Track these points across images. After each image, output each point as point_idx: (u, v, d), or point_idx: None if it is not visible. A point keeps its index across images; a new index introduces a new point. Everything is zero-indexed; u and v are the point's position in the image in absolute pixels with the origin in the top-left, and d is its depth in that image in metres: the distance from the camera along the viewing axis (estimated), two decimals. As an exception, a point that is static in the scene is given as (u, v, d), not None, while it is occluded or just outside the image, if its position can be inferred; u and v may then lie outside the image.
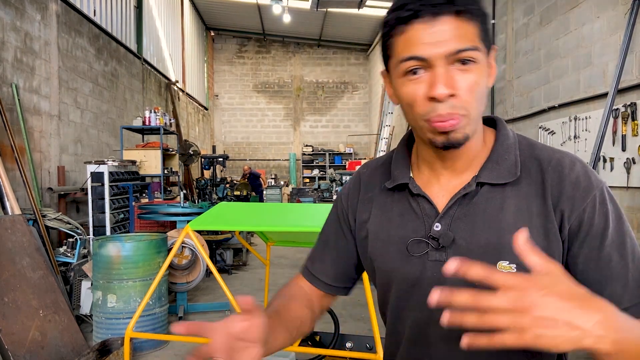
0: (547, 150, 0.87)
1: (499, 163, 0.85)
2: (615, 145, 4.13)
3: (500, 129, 0.90)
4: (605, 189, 0.82)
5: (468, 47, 0.75)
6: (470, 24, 0.76)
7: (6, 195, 4.43)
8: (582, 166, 0.84)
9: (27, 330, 3.55)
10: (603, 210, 0.80)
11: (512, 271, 0.80)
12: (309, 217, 2.79)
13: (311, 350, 2.65)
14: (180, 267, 4.88)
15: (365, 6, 11.42)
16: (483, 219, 0.83)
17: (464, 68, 0.76)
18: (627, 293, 0.77)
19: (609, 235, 0.79)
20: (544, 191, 0.83)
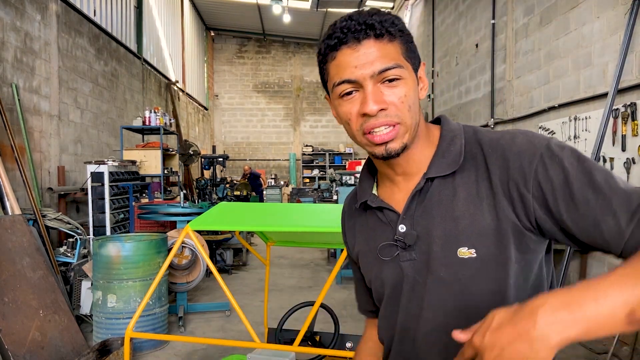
0: (489, 133, 0.90)
1: (444, 156, 0.90)
2: (615, 146, 4.13)
3: (444, 124, 0.95)
4: (551, 144, 0.82)
5: (391, 65, 0.83)
6: (391, 45, 0.85)
7: (6, 195, 4.43)
8: (523, 136, 0.85)
9: (27, 330, 3.55)
10: (555, 161, 0.79)
11: (472, 255, 0.85)
12: (308, 217, 2.79)
13: (311, 350, 2.65)
14: (180, 267, 4.88)
15: (365, 6, 11.41)
16: (439, 211, 0.89)
17: (391, 85, 0.84)
18: (621, 220, 0.74)
19: (573, 180, 0.77)
20: (489, 173, 0.85)
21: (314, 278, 6.92)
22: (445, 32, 9.13)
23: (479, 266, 0.85)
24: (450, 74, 8.84)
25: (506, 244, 0.84)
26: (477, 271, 0.85)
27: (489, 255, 0.84)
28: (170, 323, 4.66)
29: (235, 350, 3.92)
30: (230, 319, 5.01)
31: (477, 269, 0.85)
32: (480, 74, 7.38)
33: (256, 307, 5.38)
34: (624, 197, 0.74)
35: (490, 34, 6.89)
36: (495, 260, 0.84)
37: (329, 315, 2.96)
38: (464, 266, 0.86)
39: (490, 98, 6.90)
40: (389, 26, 0.84)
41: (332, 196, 8.94)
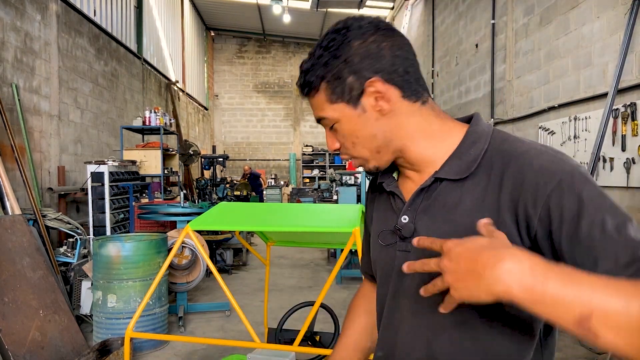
0: (516, 144, 0.87)
1: (460, 158, 0.89)
2: (615, 145, 4.13)
3: (473, 124, 0.93)
4: (575, 172, 0.79)
5: (320, 116, 0.93)
6: (318, 96, 0.91)
7: (6, 195, 4.43)
8: (550, 154, 0.82)
9: (27, 330, 3.55)
10: (574, 192, 0.77)
11: None
12: (309, 217, 2.79)
13: (311, 350, 2.65)
14: (180, 267, 4.88)
15: (365, 6, 11.42)
16: (442, 212, 0.89)
17: (334, 128, 0.93)
18: (619, 266, 0.72)
19: (586, 216, 0.75)
20: (501, 185, 0.83)
21: (314, 278, 6.92)
22: (445, 32, 9.13)
23: None
24: (450, 74, 8.84)
25: None
26: None
27: None
28: (170, 323, 4.67)
29: (235, 350, 3.92)
30: (230, 319, 5.01)
31: None
32: (480, 74, 7.38)
33: (256, 307, 5.38)
34: (631, 245, 0.72)
35: (490, 34, 6.89)
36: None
37: (329, 315, 2.96)
38: None
39: (490, 98, 6.90)
40: (310, 77, 0.90)
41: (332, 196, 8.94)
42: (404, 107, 0.90)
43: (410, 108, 0.91)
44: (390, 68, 0.88)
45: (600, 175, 4.30)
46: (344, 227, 2.33)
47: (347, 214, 2.59)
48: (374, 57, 0.87)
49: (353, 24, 0.90)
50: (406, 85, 0.89)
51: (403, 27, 11.69)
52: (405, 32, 11.65)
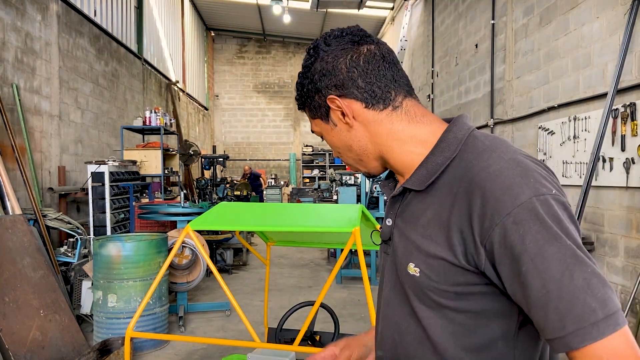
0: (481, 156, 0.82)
1: (426, 167, 0.88)
2: (614, 146, 4.13)
3: (449, 128, 0.90)
4: (530, 206, 0.73)
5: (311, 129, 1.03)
6: (306, 112, 0.99)
7: (7, 195, 4.44)
8: (509, 177, 0.76)
9: (27, 330, 3.55)
10: (519, 232, 0.72)
11: (416, 274, 0.86)
12: (309, 217, 2.80)
13: (311, 350, 2.66)
14: (180, 267, 4.88)
15: (365, 6, 11.42)
16: (409, 222, 0.90)
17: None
18: (548, 325, 0.71)
19: (526, 262, 0.72)
20: (454, 202, 0.81)
21: (314, 278, 6.92)
22: (445, 32, 9.13)
23: (421, 287, 0.85)
24: (450, 74, 8.84)
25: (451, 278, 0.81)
26: (420, 290, 0.86)
27: (430, 280, 0.83)
28: (171, 323, 4.67)
29: (235, 350, 3.93)
30: (230, 319, 5.02)
31: (420, 288, 0.86)
32: (480, 74, 7.39)
33: (256, 306, 5.39)
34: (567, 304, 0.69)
35: (490, 34, 6.89)
36: (436, 287, 0.83)
37: (329, 315, 2.97)
38: (410, 280, 0.88)
39: (489, 98, 6.90)
40: (297, 98, 0.99)
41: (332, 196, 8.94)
42: (369, 117, 0.91)
43: (377, 117, 0.90)
44: (347, 82, 0.89)
45: (599, 175, 4.31)
46: (344, 227, 2.33)
47: (347, 214, 2.59)
48: (331, 74, 0.90)
49: (319, 43, 0.92)
50: (368, 95, 0.89)
51: (403, 27, 11.69)
52: (405, 32, 11.65)
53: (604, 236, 4.39)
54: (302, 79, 0.94)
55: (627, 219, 4.08)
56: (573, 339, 0.69)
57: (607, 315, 0.69)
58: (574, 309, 0.69)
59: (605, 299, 0.69)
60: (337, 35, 0.91)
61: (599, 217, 4.45)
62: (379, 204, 6.67)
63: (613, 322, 0.69)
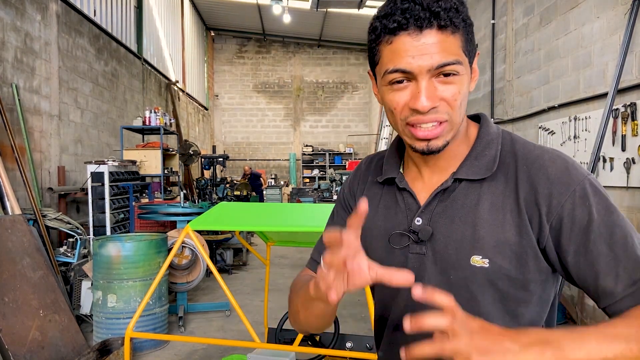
0: (527, 147, 0.87)
1: (477, 159, 0.88)
2: (615, 145, 4.13)
3: (483, 124, 0.92)
4: (588, 183, 0.81)
5: (451, 61, 0.78)
6: (454, 37, 0.79)
7: (6, 195, 4.43)
8: (563, 162, 0.84)
9: (27, 330, 3.55)
10: (585, 204, 0.79)
11: (485, 265, 0.83)
12: (309, 217, 2.80)
13: (311, 350, 2.65)
14: (180, 267, 4.88)
15: (365, 6, 11.41)
16: (460, 214, 0.86)
17: (447, 80, 0.80)
18: (619, 285, 0.76)
19: (595, 229, 0.78)
20: (517, 188, 0.83)
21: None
22: (445, 32, 9.13)
23: (491, 277, 0.83)
24: (450, 74, 8.85)
25: (524, 263, 0.83)
26: (488, 282, 0.84)
27: (502, 269, 0.83)
28: (171, 323, 4.67)
29: (235, 350, 3.92)
30: (230, 319, 5.02)
31: (489, 279, 0.84)
32: (480, 74, 7.38)
33: (256, 307, 5.38)
34: (633, 264, 0.76)
35: (490, 34, 6.89)
36: (507, 276, 0.83)
37: (329, 315, 2.96)
38: (475, 274, 0.84)
39: (490, 98, 6.90)
40: (454, 16, 0.78)
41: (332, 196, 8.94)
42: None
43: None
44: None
45: (600, 175, 4.31)
46: (344, 227, 2.33)
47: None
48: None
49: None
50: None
51: (403, 27, 11.69)
52: (405, 32, 11.64)
53: (604, 236, 4.39)
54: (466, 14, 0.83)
55: (628, 219, 4.07)
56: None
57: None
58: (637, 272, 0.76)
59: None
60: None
61: (599, 217, 4.44)
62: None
63: None
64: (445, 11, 0.77)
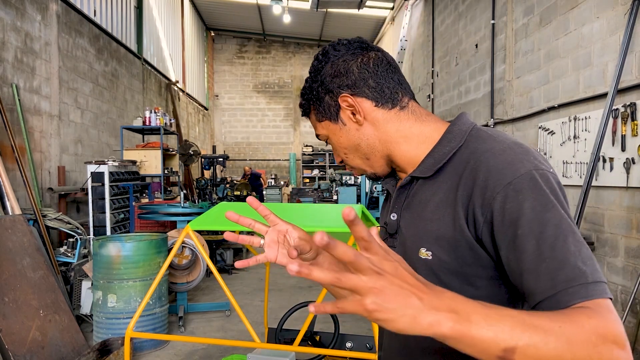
0: (485, 142, 0.87)
1: (433, 157, 0.93)
2: (614, 146, 4.13)
3: (453, 123, 0.96)
4: (528, 177, 0.78)
5: (316, 134, 1.05)
6: (311, 117, 1.03)
7: (6, 195, 4.43)
8: (511, 154, 0.81)
9: (27, 330, 3.55)
10: (518, 198, 0.77)
11: (428, 257, 0.88)
12: (309, 217, 2.80)
13: (311, 350, 2.65)
14: (180, 267, 4.88)
15: (365, 6, 11.42)
16: (417, 209, 0.93)
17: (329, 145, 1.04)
18: (539, 286, 0.73)
19: (524, 224, 0.75)
20: (459, 182, 0.86)
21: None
22: (445, 32, 9.13)
23: (433, 269, 0.88)
24: (450, 74, 8.84)
25: (460, 256, 0.85)
26: (430, 273, 0.88)
27: (442, 262, 0.87)
28: (171, 323, 4.67)
29: (235, 350, 3.93)
30: (230, 319, 5.02)
31: (431, 271, 0.88)
32: (480, 74, 7.38)
33: (256, 307, 5.38)
34: (558, 265, 0.72)
35: (490, 34, 6.89)
36: (448, 269, 0.86)
37: (328, 315, 2.97)
38: (422, 266, 0.89)
39: (490, 98, 6.90)
40: (303, 102, 1.02)
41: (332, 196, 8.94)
42: (379, 115, 0.96)
43: (387, 115, 0.96)
44: (359, 82, 0.95)
45: (600, 175, 4.31)
46: (344, 227, 2.33)
47: (347, 214, 2.58)
48: (343, 74, 0.96)
49: (329, 50, 0.98)
50: (379, 95, 0.95)
51: (403, 27, 11.69)
52: (405, 32, 11.64)
53: (604, 236, 4.39)
54: (312, 82, 0.99)
55: (628, 219, 4.07)
56: (562, 297, 0.70)
57: (596, 282, 0.71)
58: (564, 269, 0.72)
59: (595, 269, 0.73)
60: (345, 43, 0.99)
61: (599, 217, 4.44)
62: (379, 204, 6.66)
63: (601, 289, 0.71)
64: (301, 103, 1.03)
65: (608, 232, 4.33)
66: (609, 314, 0.67)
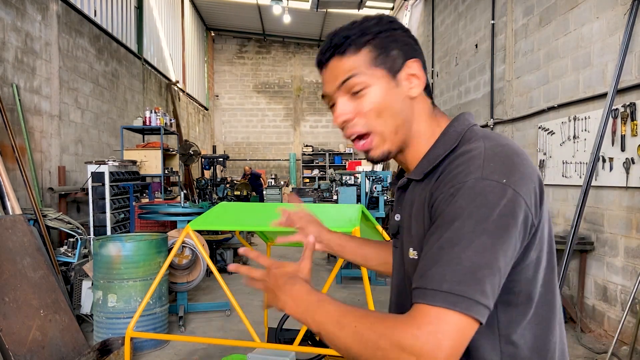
0: (470, 144, 0.86)
1: (427, 159, 0.92)
2: (614, 146, 4.14)
3: (450, 124, 0.95)
4: (468, 185, 0.78)
5: (346, 77, 0.90)
6: (356, 57, 0.90)
7: (7, 195, 4.44)
8: (477, 159, 0.81)
9: (27, 330, 3.56)
10: (448, 202, 0.79)
11: (415, 257, 0.90)
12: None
13: (311, 350, 2.66)
14: (180, 267, 4.88)
15: (365, 6, 11.42)
16: (409, 210, 0.94)
17: (357, 96, 0.90)
18: (415, 276, 0.79)
19: (438, 224, 0.79)
20: (433, 184, 0.87)
21: (314, 278, 6.91)
22: (445, 32, 9.14)
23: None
24: (449, 74, 8.85)
25: None
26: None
27: None
28: (171, 323, 4.67)
29: (235, 350, 3.93)
30: (230, 319, 5.02)
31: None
32: (479, 74, 7.39)
33: (256, 306, 5.39)
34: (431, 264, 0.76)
35: (489, 35, 6.90)
36: None
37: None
38: (410, 266, 0.91)
39: (489, 98, 6.90)
40: (356, 38, 0.89)
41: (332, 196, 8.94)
42: (422, 100, 0.94)
43: (425, 104, 0.95)
44: (423, 60, 0.95)
45: (599, 175, 4.31)
46: (344, 227, 2.34)
47: (347, 214, 2.60)
48: (413, 47, 0.94)
49: (394, 20, 0.95)
50: (427, 82, 0.95)
51: (403, 27, 11.68)
52: (405, 32, 11.63)
53: (604, 236, 4.40)
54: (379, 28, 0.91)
55: (627, 219, 4.08)
56: (416, 292, 0.76)
57: (452, 293, 0.72)
58: (430, 271, 0.76)
59: (465, 281, 0.72)
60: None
61: (599, 217, 4.45)
62: (379, 204, 6.67)
63: (454, 301, 0.72)
64: (345, 38, 0.90)
65: (608, 232, 4.34)
66: (426, 325, 0.72)
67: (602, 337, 4.36)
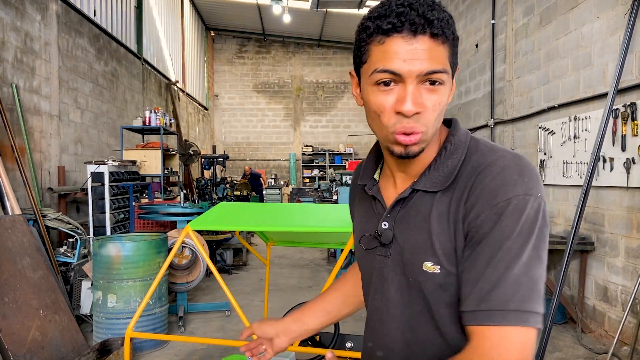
0: (485, 156, 0.86)
1: (438, 170, 0.89)
2: (615, 146, 4.13)
3: (452, 131, 0.92)
4: (514, 203, 0.78)
5: (439, 69, 0.80)
6: (443, 47, 0.80)
7: (6, 195, 4.43)
8: (508, 175, 0.81)
9: (27, 330, 3.55)
10: (494, 220, 0.79)
11: (436, 271, 0.86)
12: (309, 217, 2.80)
13: (311, 350, 2.65)
14: (180, 267, 4.88)
15: (365, 6, 11.42)
16: (416, 221, 0.90)
17: (432, 88, 0.81)
18: (469, 298, 0.80)
19: (487, 242, 0.79)
20: (460, 197, 0.85)
21: (314, 278, 6.92)
22: (445, 32, 9.12)
23: (442, 282, 0.87)
24: (450, 74, 8.84)
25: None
26: (440, 287, 0.87)
27: (451, 276, 0.86)
28: (171, 323, 4.67)
29: (235, 350, 3.92)
30: (230, 319, 5.02)
31: (440, 284, 0.87)
32: (480, 74, 7.38)
33: (256, 307, 5.38)
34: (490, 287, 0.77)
35: (490, 34, 6.89)
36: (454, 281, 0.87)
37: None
38: (427, 279, 0.88)
39: (490, 98, 6.90)
40: (445, 26, 0.80)
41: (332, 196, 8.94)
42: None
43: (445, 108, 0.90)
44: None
45: (600, 175, 4.31)
46: (344, 227, 2.33)
47: (347, 214, 2.59)
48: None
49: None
50: None
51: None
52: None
53: (604, 236, 4.39)
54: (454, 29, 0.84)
55: (628, 219, 4.07)
56: (481, 315, 0.77)
57: (519, 310, 0.76)
58: (493, 293, 0.77)
59: (526, 298, 0.76)
60: None
61: (600, 217, 4.44)
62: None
63: (522, 317, 0.76)
64: (439, 20, 0.79)
65: (608, 232, 4.33)
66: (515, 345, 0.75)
67: (603, 337, 4.35)
